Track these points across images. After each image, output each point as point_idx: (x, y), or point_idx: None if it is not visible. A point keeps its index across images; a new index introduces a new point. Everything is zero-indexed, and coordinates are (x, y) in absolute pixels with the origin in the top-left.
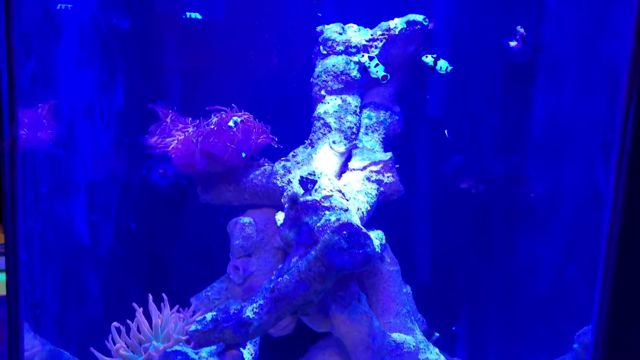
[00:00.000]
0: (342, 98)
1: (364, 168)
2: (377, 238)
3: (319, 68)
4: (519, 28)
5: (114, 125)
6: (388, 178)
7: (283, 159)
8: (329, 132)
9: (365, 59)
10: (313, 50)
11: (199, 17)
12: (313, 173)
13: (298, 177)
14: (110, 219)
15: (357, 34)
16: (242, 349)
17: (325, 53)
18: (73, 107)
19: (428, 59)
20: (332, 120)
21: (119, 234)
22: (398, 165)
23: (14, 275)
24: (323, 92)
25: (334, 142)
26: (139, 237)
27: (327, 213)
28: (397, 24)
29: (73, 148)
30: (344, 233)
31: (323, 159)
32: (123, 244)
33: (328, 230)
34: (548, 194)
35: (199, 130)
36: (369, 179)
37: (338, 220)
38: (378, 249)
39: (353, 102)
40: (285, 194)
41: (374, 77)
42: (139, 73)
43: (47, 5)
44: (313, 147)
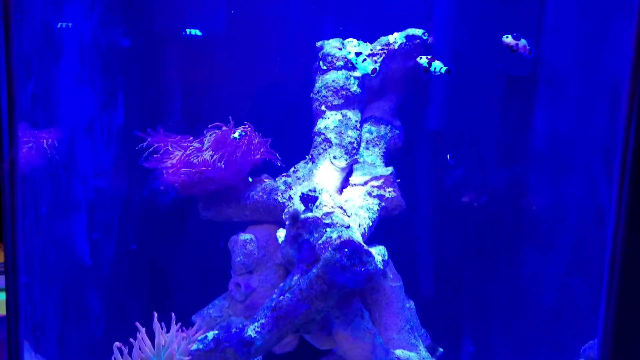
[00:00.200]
0: (342, 113)
1: (365, 183)
2: (379, 254)
3: (319, 83)
4: (506, 37)
5: (115, 143)
6: (389, 193)
7: (284, 175)
8: (330, 147)
9: (352, 55)
10: (313, 66)
11: (199, 33)
12: (314, 189)
13: (299, 193)
14: (112, 237)
15: (356, 49)
16: None
17: (325, 68)
18: (74, 125)
19: (422, 60)
20: (332, 136)
21: (120, 252)
22: (399, 180)
23: (14, 297)
24: (323, 107)
25: (335, 157)
26: (140, 254)
27: (328, 230)
28: (396, 39)
29: (74, 166)
30: (346, 250)
31: (324, 175)
32: (124, 262)
33: (329, 248)
34: (550, 207)
35: (192, 154)
36: (370, 194)
37: (339, 237)
38: (380, 265)
39: (353, 117)
40: (286, 211)
41: (362, 72)
42: (140, 90)
43: (47, 24)
44: (314, 162)
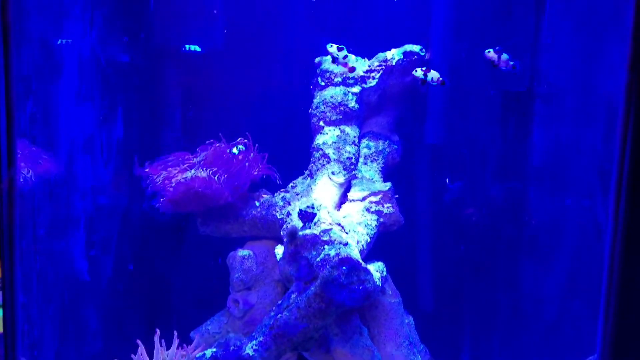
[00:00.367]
0: (340, 129)
1: (364, 199)
2: (377, 270)
3: (317, 99)
4: (488, 52)
5: (114, 159)
6: (388, 209)
7: (282, 190)
8: (328, 162)
9: (334, 49)
10: (311, 82)
11: (198, 49)
12: (312, 206)
13: (297, 208)
14: (110, 253)
15: (356, 64)
16: None
17: (324, 84)
18: (73, 142)
19: (418, 73)
20: (330, 151)
21: (118, 268)
22: (397, 196)
23: (11, 316)
24: (322, 123)
25: (333, 172)
26: (139, 269)
27: (326, 247)
28: (394, 55)
29: (73, 183)
30: (344, 268)
31: (322, 190)
32: (122, 278)
33: (327, 266)
34: (548, 221)
35: (188, 171)
36: (369, 210)
37: (337, 255)
38: (379, 282)
39: (352, 132)
40: (285, 227)
41: (348, 66)
42: (139, 106)
43: (46, 41)
44: (312, 177)
